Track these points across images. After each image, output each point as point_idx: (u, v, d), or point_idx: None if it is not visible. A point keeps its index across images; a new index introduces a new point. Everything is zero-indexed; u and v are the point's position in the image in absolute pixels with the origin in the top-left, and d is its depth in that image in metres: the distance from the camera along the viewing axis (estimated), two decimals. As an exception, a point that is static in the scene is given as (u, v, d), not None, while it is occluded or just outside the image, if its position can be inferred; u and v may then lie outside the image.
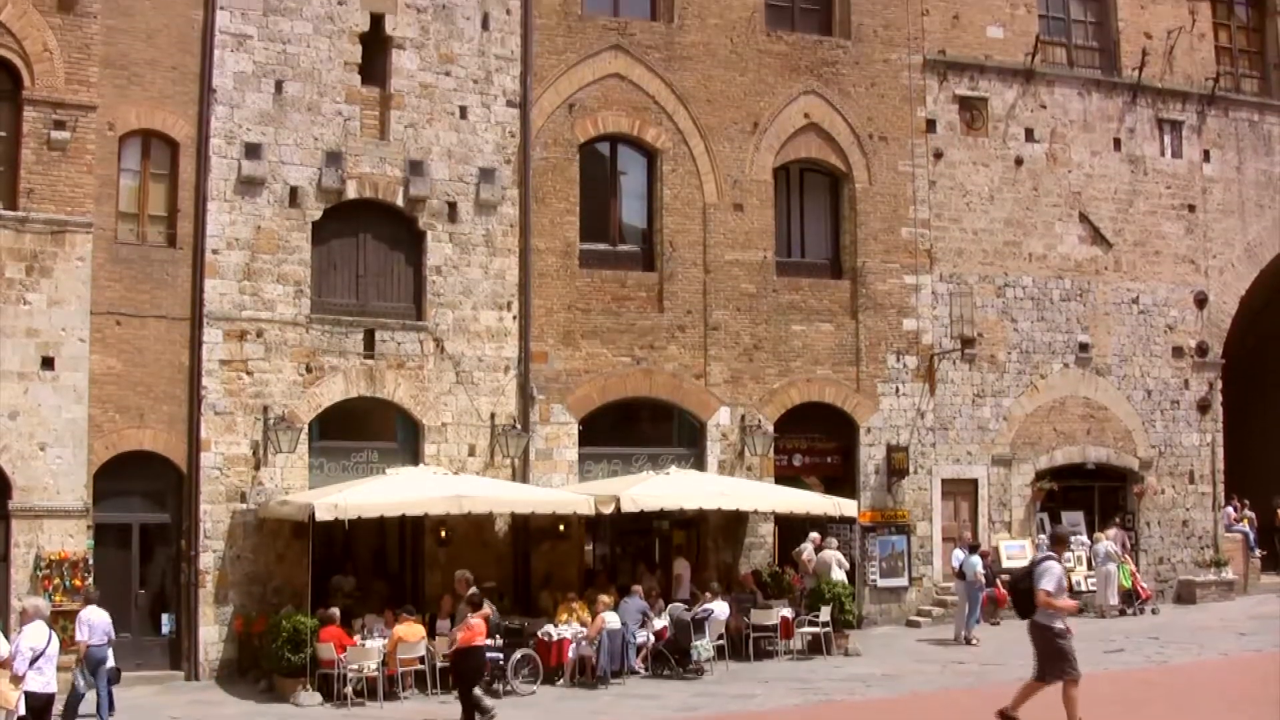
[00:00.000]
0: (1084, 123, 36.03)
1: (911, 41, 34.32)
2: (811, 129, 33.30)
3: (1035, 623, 17.99)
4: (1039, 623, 17.94)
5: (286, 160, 28.18)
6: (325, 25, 28.84)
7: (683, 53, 32.14)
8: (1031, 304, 34.89)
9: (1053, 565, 18.17)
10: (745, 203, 32.32)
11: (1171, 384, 36.46)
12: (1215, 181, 37.52)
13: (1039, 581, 17.83)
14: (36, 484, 25.21)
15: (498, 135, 30.17)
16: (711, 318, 31.69)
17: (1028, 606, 18.02)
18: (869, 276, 33.27)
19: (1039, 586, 17.79)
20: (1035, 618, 17.95)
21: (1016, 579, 18.71)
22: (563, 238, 30.62)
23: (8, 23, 25.78)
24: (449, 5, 30.05)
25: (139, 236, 27.22)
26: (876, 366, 33.22)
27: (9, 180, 25.79)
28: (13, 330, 25.21)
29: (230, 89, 27.87)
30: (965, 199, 34.46)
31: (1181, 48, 37.35)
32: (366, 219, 29.17)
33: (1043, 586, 17.78)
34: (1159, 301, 36.38)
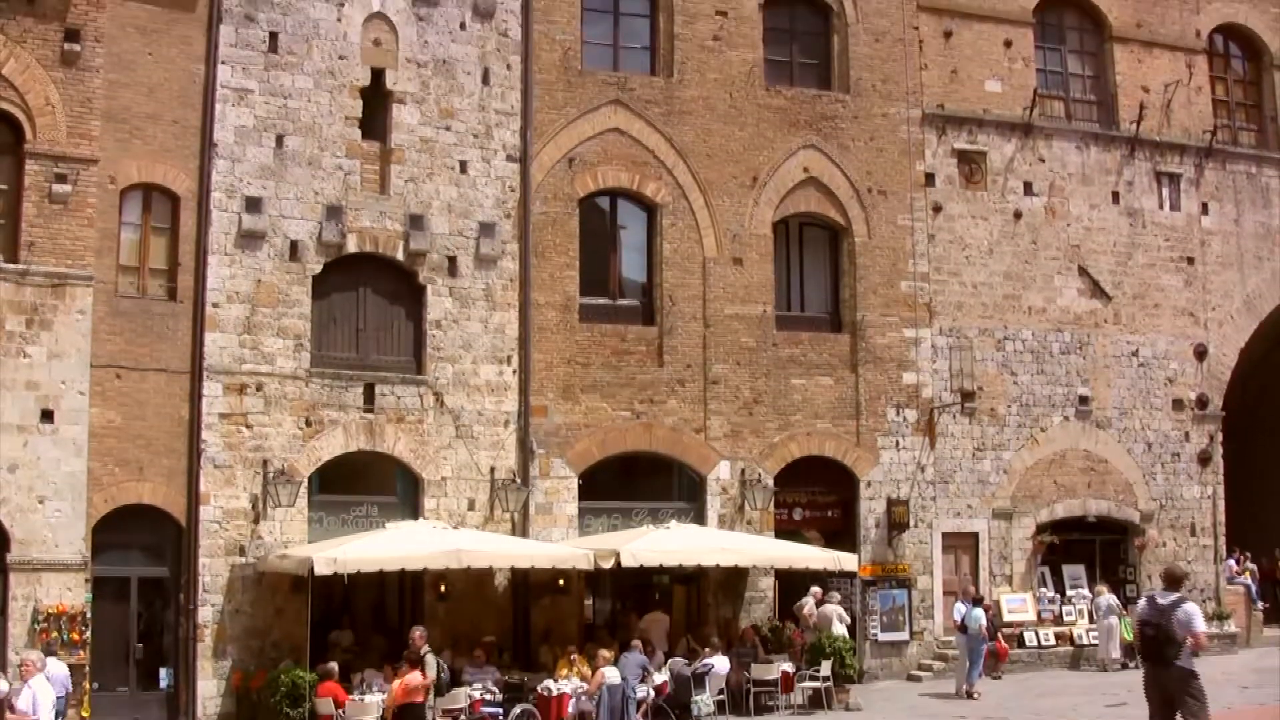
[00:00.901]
0: (1082, 176, 36.14)
1: (910, 96, 34.46)
2: (811, 183, 33.38)
3: (1179, 669, 16.10)
4: (1184, 668, 16.11)
5: (287, 214, 28.24)
6: (326, 80, 28.96)
7: (682, 107, 32.27)
8: (1031, 357, 34.90)
9: (1194, 605, 16.41)
10: (745, 257, 32.36)
11: (1172, 436, 36.43)
12: (1214, 234, 37.59)
13: (1193, 623, 16.06)
14: (35, 537, 25.13)
15: (498, 190, 30.25)
16: (711, 372, 31.68)
17: (1164, 652, 16.15)
18: (869, 330, 33.27)
19: (1197, 629, 16.08)
20: (1179, 663, 16.06)
21: (1147, 621, 16.42)
22: (563, 292, 30.65)
23: (10, 76, 25.92)
24: (449, 60, 30.18)
25: (139, 290, 27.22)
26: (876, 420, 33.18)
27: (10, 233, 25.86)
28: (13, 383, 25.20)
29: (231, 143, 27.96)
30: (964, 252, 34.52)
31: (1179, 101, 37.51)
32: (367, 273, 29.21)
33: (1199, 629, 16.12)
34: (1159, 354, 36.39)
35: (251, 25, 28.44)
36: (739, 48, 33.04)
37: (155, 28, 27.57)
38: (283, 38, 28.69)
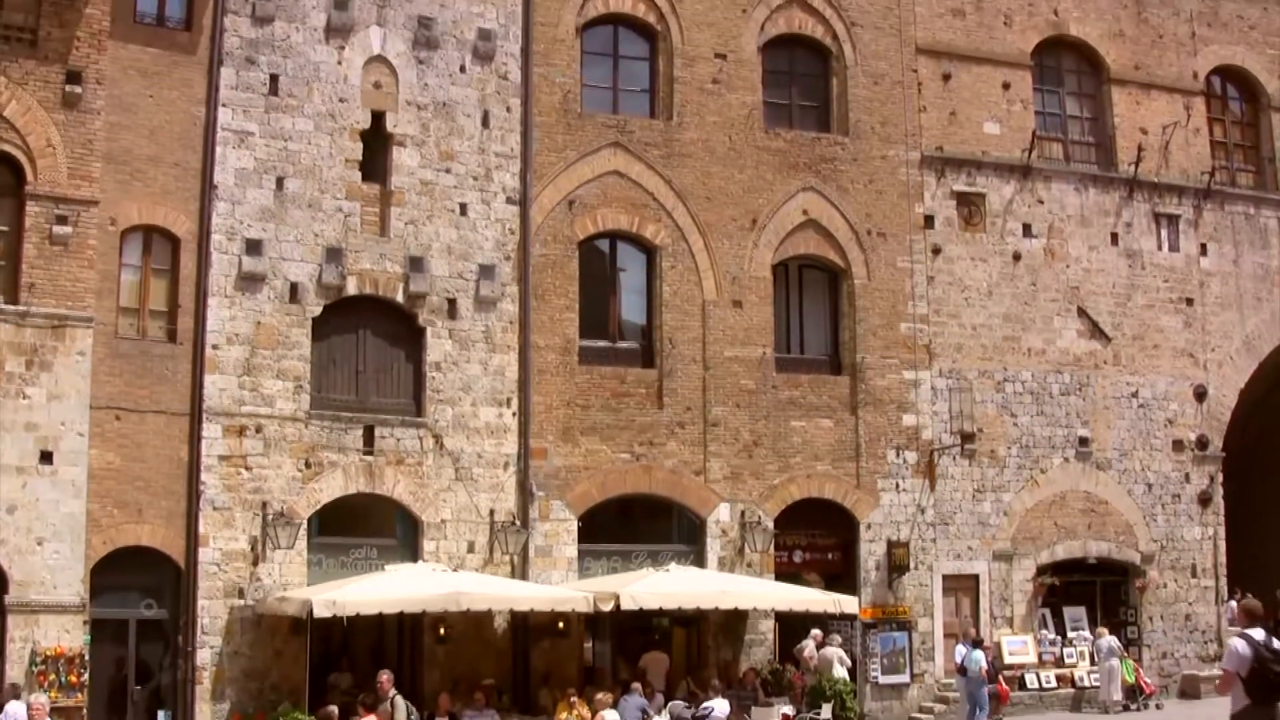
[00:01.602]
0: (1081, 217, 36.20)
1: (909, 138, 34.56)
2: (810, 225, 33.44)
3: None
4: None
5: (287, 256, 28.28)
6: (326, 122, 29.05)
7: (682, 150, 32.35)
8: (1031, 398, 34.89)
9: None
10: (744, 299, 32.38)
11: (1172, 477, 36.37)
12: (1213, 275, 37.63)
13: None
14: (33, 579, 25.08)
15: (498, 232, 30.30)
16: (711, 414, 31.66)
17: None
18: (868, 372, 33.27)
19: None
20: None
21: (1268, 659, 14.63)
22: (562, 334, 30.67)
23: (12, 118, 26.05)
24: (449, 103, 30.28)
25: (139, 331, 27.24)
26: (876, 462, 33.14)
27: (10, 274, 25.91)
28: (12, 424, 25.22)
29: (231, 185, 28.03)
30: (964, 294, 34.55)
31: (1177, 142, 37.61)
32: (366, 315, 29.24)
33: None
34: (1158, 395, 36.37)
35: (252, 68, 28.56)
36: (738, 90, 33.14)
37: (156, 70, 27.70)
38: (283, 80, 28.80)
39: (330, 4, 29.35)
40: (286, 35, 28.97)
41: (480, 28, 30.82)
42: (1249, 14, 39.73)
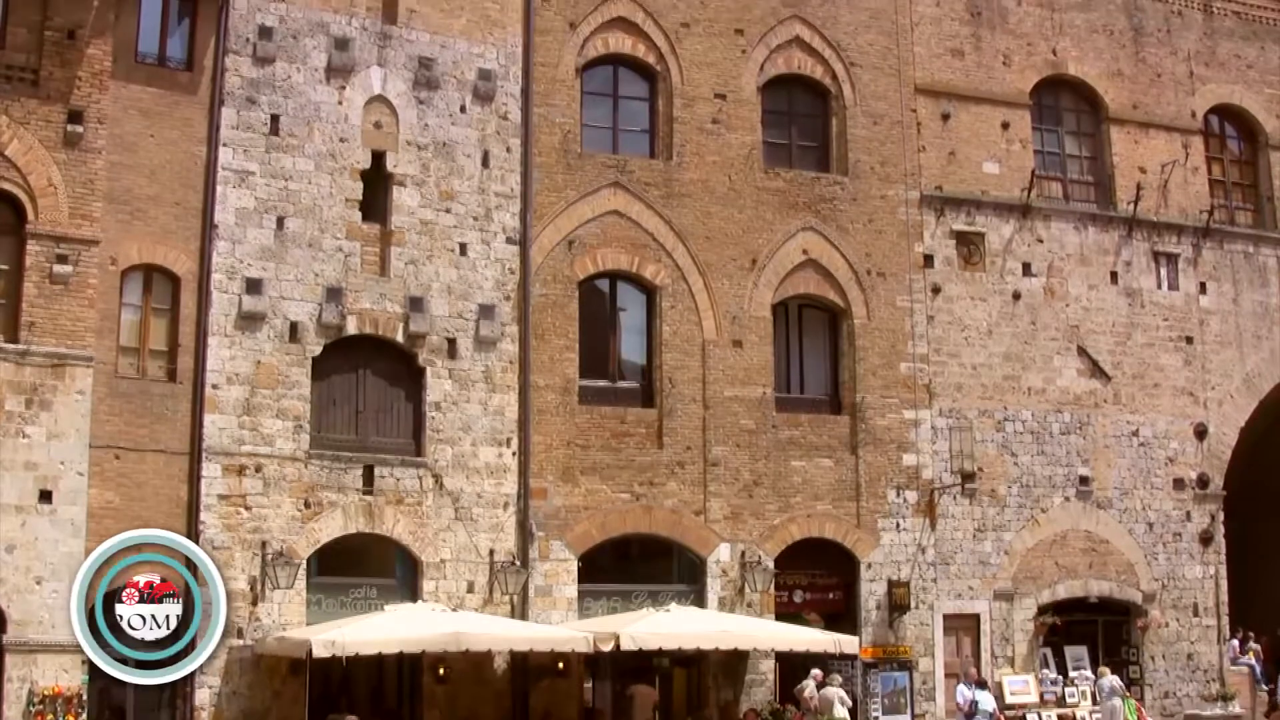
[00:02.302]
0: (1081, 256, 36.24)
1: (908, 178, 34.63)
2: (810, 265, 33.47)
3: None
4: None
5: (287, 296, 28.30)
6: (327, 162, 29.11)
7: (681, 190, 32.42)
8: (1031, 438, 34.87)
9: None
10: (744, 339, 32.40)
11: (1173, 516, 36.31)
12: (1212, 313, 37.66)
13: None
14: (31, 618, 24.97)
15: (497, 272, 30.33)
16: (711, 454, 31.63)
17: None
18: (868, 412, 33.26)
19: None
20: None
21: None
22: (562, 374, 30.67)
23: (13, 157, 26.09)
24: (449, 143, 30.35)
25: (139, 371, 27.23)
26: (877, 502, 33.10)
27: (11, 313, 25.90)
28: (11, 463, 25.16)
29: (232, 224, 28.06)
30: (964, 334, 34.56)
31: (1176, 181, 37.68)
32: (366, 355, 29.24)
33: None
34: (1159, 434, 36.34)
35: (253, 108, 28.63)
36: (738, 130, 33.22)
37: (158, 110, 27.77)
38: (284, 120, 28.87)
39: (331, 44, 29.46)
40: (287, 75, 29.05)
41: (480, 68, 30.91)
42: (1246, 53, 39.87)
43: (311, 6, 29.52)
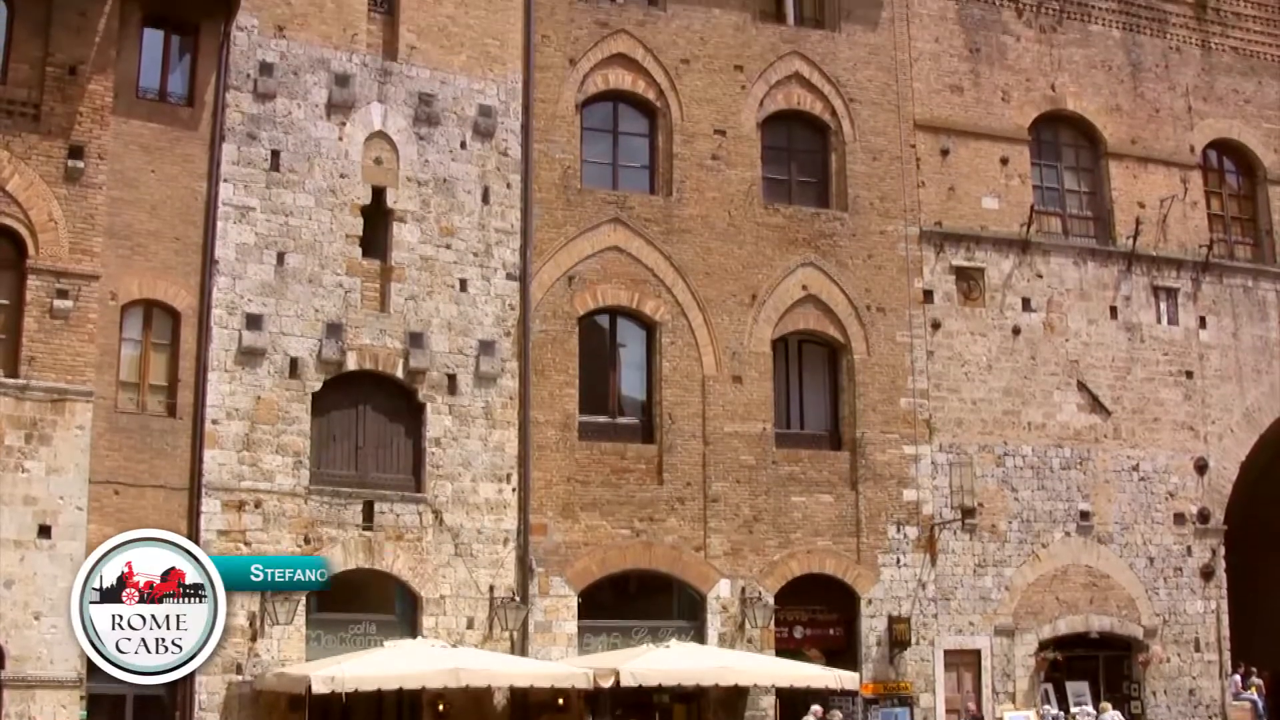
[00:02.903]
0: (1080, 291, 36.27)
1: (908, 213, 34.69)
2: (810, 300, 33.52)
3: None
4: None
5: (287, 331, 28.31)
6: (327, 198, 29.16)
7: (681, 226, 32.48)
8: (1032, 473, 34.84)
9: None
10: (744, 375, 32.40)
11: (1174, 551, 36.24)
12: (1212, 348, 37.67)
13: None
14: (30, 653, 24.87)
15: (497, 308, 30.35)
16: (711, 490, 31.60)
17: None
18: (868, 447, 33.24)
19: None
20: None
21: None
22: (562, 410, 30.67)
23: (14, 193, 26.13)
24: (450, 179, 30.42)
25: (139, 406, 27.23)
26: (877, 537, 33.05)
27: (11, 348, 25.88)
28: (10, 498, 25.12)
29: (232, 260, 28.09)
30: (964, 369, 34.57)
31: (1174, 216, 37.74)
32: (366, 390, 29.25)
33: None
34: (1159, 468, 36.31)
35: (254, 143, 28.70)
36: (737, 166, 33.30)
37: (158, 145, 27.85)
38: (284, 156, 28.94)
39: (332, 80, 29.55)
40: (288, 111, 29.14)
41: (481, 104, 31.00)
42: (1244, 88, 39.99)
43: (312, 43, 29.63)
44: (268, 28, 29.31)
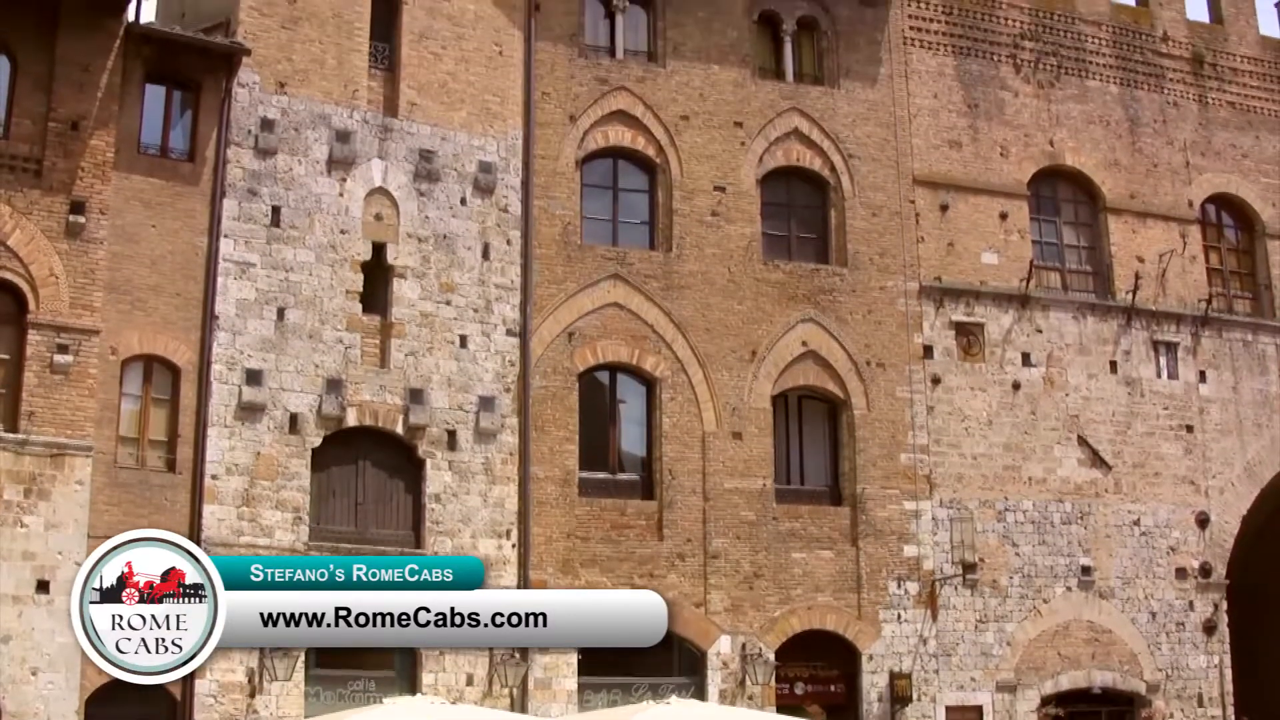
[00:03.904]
0: (1080, 346, 36.30)
1: (907, 269, 34.76)
2: (809, 356, 33.54)
3: None
4: None
5: (287, 387, 28.32)
6: (328, 254, 29.22)
7: (681, 282, 32.53)
8: (1032, 528, 34.76)
9: None
10: (744, 430, 32.39)
11: (1176, 606, 36.11)
12: (1212, 402, 37.66)
13: None
14: (27, 709, 24.77)
15: (497, 364, 30.37)
16: (711, 546, 31.54)
17: None
18: (869, 503, 33.19)
19: None
20: None
21: None
22: (562, 466, 30.64)
23: (15, 247, 26.20)
24: (450, 235, 30.49)
25: (139, 461, 27.20)
26: (878, 593, 32.96)
27: (10, 402, 25.89)
28: (9, 553, 25.04)
29: (233, 315, 28.14)
30: (964, 424, 34.56)
31: (1174, 270, 37.82)
32: (366, 446, 29.22)
33: None
34: (1160, 523, 36.23)
35: (254, 199, 28.80)
36: (737, 222, 33.39)
37: (160, 201, 27.93)
38: (285, 212, 29.03)
39: (332, 137, 29.68)
40: (289, 167, 29.25)
41: (481, 161, 31.12)
42: (1242, 143, 40.15)
43: (313, 99, 29.78)
44: (269, 84, 29.47)
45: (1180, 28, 40.15)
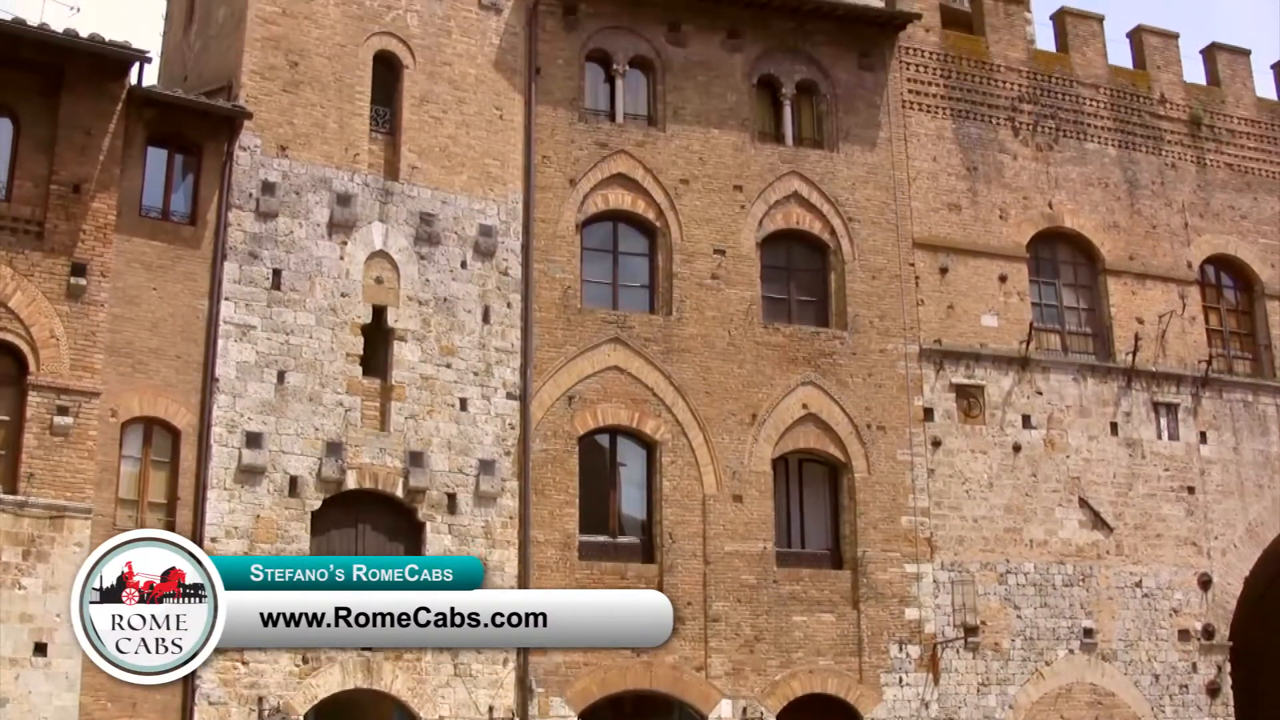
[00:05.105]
0: (1080, 408, 36.30)
1: (907, 331, 34.80)
2: (810, 419, 33.53)
3: None
4: None
5: (287, 450, 28.31)
6: (328, 317, 29.28)
7: (681, 345, 32.57)
8: (1034, 590, 34.65)
9: None
10: (744, 494, 32.35)
11: (1179, 668, 35.95)
12: (1213, 463, 37.63)
13: None
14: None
15: (498, 427, 30.37)
16: (712, 609, 31.44)
17: None
18: (870, 566, 33.11)
19: None
20: None
21: None
22: (562, 529, 30.58)
23: (16, 309, 26.26)
24: (450, 298, 30.55)
25: (138, 523, 27.05)
26: (879, 657, 32.82)
27: (10, 464, 25.88)
28: (7, 615, 24.98)
29: (233, 378, 28.16)
30: (965, 486, 34.51)
31: (1173, 331, 37.87)
32: (366, 509, 29.16)
33: None
34: (1162, 584, 36.13)
35: (255, 262, 28.88)
36: (737, 285, 33.45)
37: (161, 263, 28.00)
38: (286, 275, 29.10)
39: (333, 200, 29.79)
40: (290, 230, 29.34)
41: (481, 224, 31.22)
42: (1240, 204, 40.29)
43: (314, 162, 29.91)
44: (270, 147, 29.61)
45: (1177, 90, 40.38)
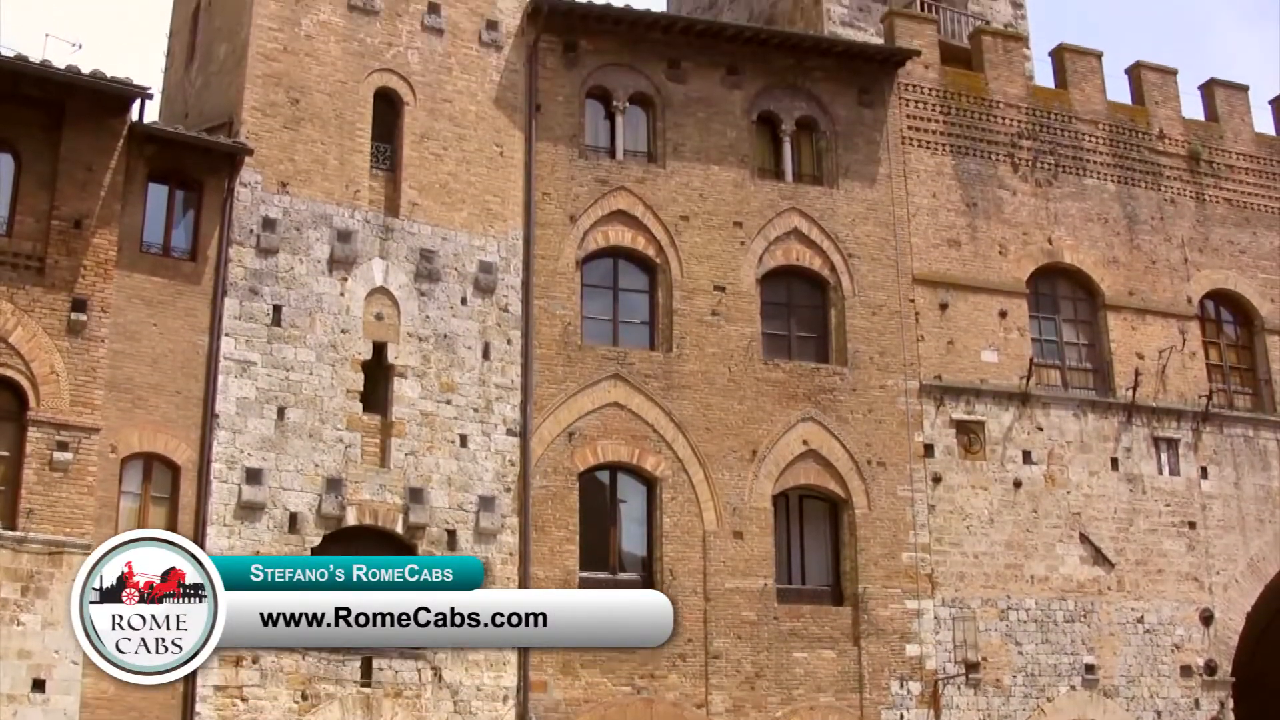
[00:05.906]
0: (1081, 443, 36.27)
1: (907, 367, 34.80)
2: (810, 455, 33.50)
3: None
4: None
5: (287, 486, 28.28)
6: (328, 353, 29.28)
7: (681, 381, 32.56)
8: (1035, 626, 34.56)
9: None
10: (745, 530, 32.29)
11: (1182, 704, 35.80)
12: (1214, 498, 37.57)
13: None
14: (22, 813, 24.65)
15: (498, 464, 30.34)
16: (712, 646, 31.35)
17: None
18: (870, 602, 33.03)
19: None
20: None
21: None
22: (562, 566, 30.51)
23: (17, 344, 26.27)
24: (450, 335, 30.56)
25: (137, 561, 27.16)
26: (880, 693, 32.70)
27: (9, 500, 25.85)
28: (5, 651, 24.90)
29: (233, 414, 28.15)
30: (965, 522, 34.46)
31: (1174, 366, 37.87)
32: (366, 546, 29.02)
33: None
34: (1164, 620, 36.03)
35: (256, 298, 28.90)
36: (737, 322, 33.47)
37: (161, 299, 28.04)
38: (286, 311, 29.12)
39: (334, 236, 29.84)
40: (290, 267, 29.38)
41: (481, 260, 31.26)
42: (1239, 239, 40.35)
43: (315, 199, 29.97)
44: (271, 184, 29.67)
45: (1176, 126, 40.49)
